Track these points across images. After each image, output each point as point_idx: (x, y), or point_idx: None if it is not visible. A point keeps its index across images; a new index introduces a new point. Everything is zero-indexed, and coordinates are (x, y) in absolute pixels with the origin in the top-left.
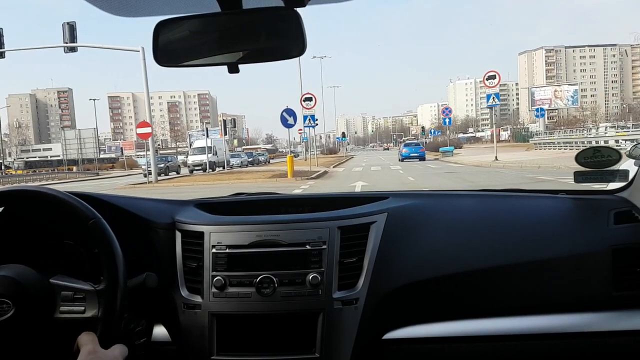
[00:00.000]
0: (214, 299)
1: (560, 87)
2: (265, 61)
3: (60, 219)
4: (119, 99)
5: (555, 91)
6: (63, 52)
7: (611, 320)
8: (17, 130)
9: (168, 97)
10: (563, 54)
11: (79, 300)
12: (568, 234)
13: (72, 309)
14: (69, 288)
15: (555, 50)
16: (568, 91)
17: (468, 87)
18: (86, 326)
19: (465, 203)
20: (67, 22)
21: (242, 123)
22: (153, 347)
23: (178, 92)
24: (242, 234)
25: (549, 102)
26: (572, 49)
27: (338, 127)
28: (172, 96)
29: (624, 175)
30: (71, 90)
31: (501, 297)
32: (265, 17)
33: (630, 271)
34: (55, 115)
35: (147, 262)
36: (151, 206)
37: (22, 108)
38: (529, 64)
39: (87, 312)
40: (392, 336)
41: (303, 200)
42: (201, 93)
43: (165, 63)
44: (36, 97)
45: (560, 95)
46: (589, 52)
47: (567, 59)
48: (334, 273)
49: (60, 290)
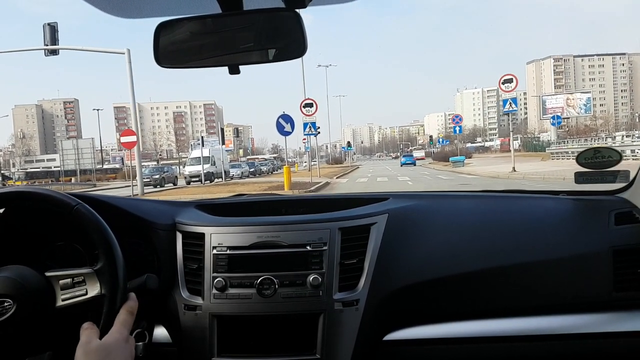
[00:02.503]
0: (215, 300)
1: (573, 95)
2: (266, 62)
3: (50, 215)
4: (125, 109)
5: (567, 99)
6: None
7: (611, 322)
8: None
9: (174, 108)
10: (572, 63)
11: (79, 284)
12: (568, 234)
13: (74, 293)
14: (66, 276)
15: (563, 59)
16: (581, 99)
17: (476, 97)
18: (92, 306)
19: (466, 204)
20: (49, 23)
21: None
22: (154, 348)
23: (184, 102)
24: (243, 235)
25: (561, 110)
26: (581, 58)
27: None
28: (177, 106)
29: (624, 175)
30: (77, 100)
31: (502, 298)
32: (265, 18)
33: (630, 272)
34: (62, 126)
35: (147, 263)
36: (152, 207)
37: (27, 119)
38: (537, 73)
39: (90, 292)
40: (393, 337)
41: (304, 201)
42: (207, 103)
43: (166, 64)
44: (42, 108)
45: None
46: (598, 61)
47: (576, 68)
48: (334, 274)
49: (58, 279)
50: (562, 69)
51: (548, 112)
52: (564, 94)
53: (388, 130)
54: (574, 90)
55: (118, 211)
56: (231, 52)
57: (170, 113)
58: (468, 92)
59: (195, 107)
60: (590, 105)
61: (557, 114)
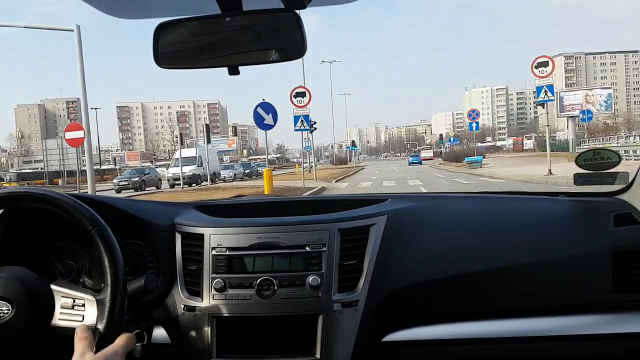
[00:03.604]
0: (214, 301)
1: (592, 91)
2: (266, 63)
3: (62, 222)
4: (128, 109)
5: (586, 95)
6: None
7: (610, 323)
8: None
9: (177, 107)
10: (583, 60)
11: (78, 307)
12: (568, 236)
13: (71, 317)
14: (68, 295)
15: (575, 57)
16: (601, 95)
17: (484, 95)
18: None
19: (465, 205)
20: None
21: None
22: (153, 349)
23: (187, 102)
24: (242, 236)
25: (580, 107)
26: (593, 55)
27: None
28: (181, 105)
29: (623, 177)
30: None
31: (501, 299)
32: (265, 19)
33: (629, 274)
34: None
35: (146, 264)
36: (151, 208)
37: (30, 118)
38: None
39: (86, 320)
40: (392, 338)
41: (303, 202)
42: (211, 102)
43: (165, 65)
44: (45, 108)
45: (592, 99)
46: (610, 59)
47: (588, 65)
48: (333, 275)
49: (60, 296)
50: (574, 66)
51: (566, 109)
52: (583, 89)
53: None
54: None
55: (118, 212)
56: (230, 53)
57: (173, 112)
58: (476, 90)
59: (199, 106)
60: (611, 102)
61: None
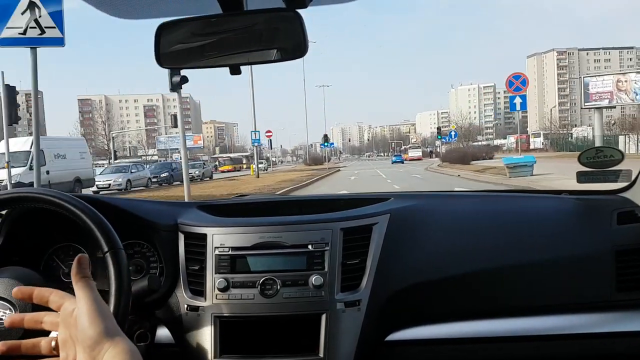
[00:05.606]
0: (217, 301)
1: (625, 77)
2: (267, 62)
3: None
4: (91, 102)
5: (617, 81)
6: None
7: (614, 322)
8: None
9: (145, 101)
10: (576, 56)
11: None
12: (571, 234)
13: None
14: None
15: (567, 52)
16: (636, 82)
17: (471, 93)
18: None
19: (468, 204)
20: None
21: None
22: (156, 349)
23: (156, 96)
24: (245, 235)
25: (610, 96)
26: (586, 51)
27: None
28: (149, 99)
29: (627, 175)
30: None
31: (504, 298)
32: (266, 19)
33: (633, 272)
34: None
35: (150, 264)
36: (153, 208)
37: None
38: (538, 68)
39: None
40: (396, 338)
41: (305, 201)
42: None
43: (167, 65)
44: None
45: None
46: (604, 55)
47: (581, 62)
48: (336, 274)
49: None
50: (566, 62)
51: (592, 99)
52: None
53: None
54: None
55: (120, 212)
56: (232, 53)
57: (140, 107)
58: (463, 88)
59: (168, 100)
60: None
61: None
